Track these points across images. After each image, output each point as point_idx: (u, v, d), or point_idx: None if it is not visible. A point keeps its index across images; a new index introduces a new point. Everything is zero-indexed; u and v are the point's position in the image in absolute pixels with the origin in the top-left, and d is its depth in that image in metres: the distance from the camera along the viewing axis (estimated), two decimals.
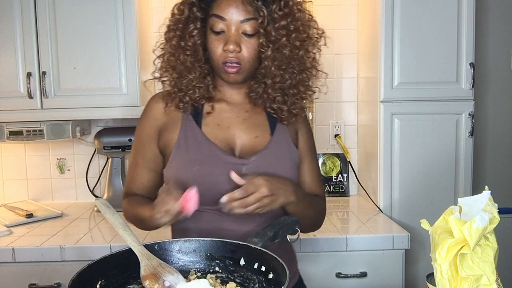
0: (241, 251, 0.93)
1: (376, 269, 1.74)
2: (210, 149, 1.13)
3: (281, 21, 1.10)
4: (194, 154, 1.12)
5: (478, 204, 0.74)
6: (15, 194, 2.29)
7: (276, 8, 1.10)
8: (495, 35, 2.36)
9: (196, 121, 1.16)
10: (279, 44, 1.11)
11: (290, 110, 1.18)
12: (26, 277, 1.66)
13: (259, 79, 1.17)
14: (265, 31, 1.10)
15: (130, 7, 1.94)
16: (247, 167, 1.12)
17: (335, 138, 2.38)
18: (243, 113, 1.20)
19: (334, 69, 2.35)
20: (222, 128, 1.17)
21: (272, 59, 1.12)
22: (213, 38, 1.10)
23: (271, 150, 1.16)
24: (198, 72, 1.14)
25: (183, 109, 1.16)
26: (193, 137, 1.14)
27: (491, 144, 2.41)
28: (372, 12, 2.10)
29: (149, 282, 0.84)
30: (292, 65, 1.14)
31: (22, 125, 2.03)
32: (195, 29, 1.12)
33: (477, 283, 0.71)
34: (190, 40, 1.12)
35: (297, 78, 1.16)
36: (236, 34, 1.09)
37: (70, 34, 1.94)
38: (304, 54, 1.15)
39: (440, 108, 2.01)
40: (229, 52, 1.08)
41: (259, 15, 1.09)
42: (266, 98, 1.17)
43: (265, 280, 0.88)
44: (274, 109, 1.18)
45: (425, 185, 2.02)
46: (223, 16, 1.08)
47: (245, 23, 1.08)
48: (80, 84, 1.96)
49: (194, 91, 1.15)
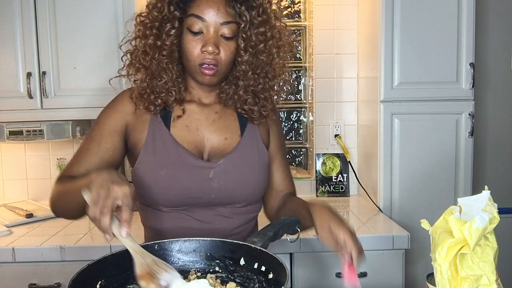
0: (241, 251, 0.93)
1: (376, 269, 1.74)
2: (178, 152, 1.11)
3: (260, 27, 1.10)
4: (161, 157, 1.11)
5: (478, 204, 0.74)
6: (15, 194, 2.29)
7: (255, 14, 1.10)
8: (495, 35, 2.36)
9: (165, 123, 1.14)
10: (257, 49, 1.11)
11: (261, 112, 1.18)
12: (26, 277, 1.66)
13: (230, 80, 1.17)
14: (245, 36, 1.10)
15: (130, 7, 1.94)
16: (215, 170, 1.12)
17: (335, 138, 2.38)
18: (212, 115, 1.19)
19: (334, 69, 2.35)
20: (191, 130, 1.15)
21: (249, 63, 1.12)
22: (190, 38, 1.08)
23: (239, 152, 1.16)
24: (172, 73, 1.11)
25: (153, 112, 1.13)
26: (161, 139, 1.12)
27: (491, 144, 2.41)
28: (372, 12, 2.10)
29: (145, 282, 0.83)
30: (266, 71, 1.14)
31: (22, 125, 2.02)
32: (172, 28, 1.09)
33: (477, 283, 0.71)
34: (168, 40, 1.09)
35: (270, 84, 1.16)
36: (215, 36, 1.07)
37: (70, 34, 1.94)
38: (278, 61, 1.16)
39: (440, 108, 2.01)
40: (207, 54, 1.07)
41: (242, 19, 1.09)
42: (237, 100, 1.17)
43: (265, 280, 0.88)
44: (245, 110, 1.18)
45: (425, 185, 2.02)
46: (203, 17, 1.06)
47: (225, 25, 1.07)
48: (80, 84, 1.96)
49: (167, 94, 1.12)
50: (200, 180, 1.11)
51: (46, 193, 2.27)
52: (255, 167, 1.17)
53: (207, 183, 1.11)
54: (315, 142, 2.39)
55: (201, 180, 1.11)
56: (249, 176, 1.15)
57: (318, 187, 2.36)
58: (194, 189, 1.10)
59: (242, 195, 1.15)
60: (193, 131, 1.15)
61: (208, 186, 1.11)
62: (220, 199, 1.13)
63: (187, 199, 1.11)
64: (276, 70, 1.16)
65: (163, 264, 0.87)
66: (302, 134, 2.47)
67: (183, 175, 1.10)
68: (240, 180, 1.14)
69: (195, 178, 1.10)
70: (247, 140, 1.18)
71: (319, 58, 2.33)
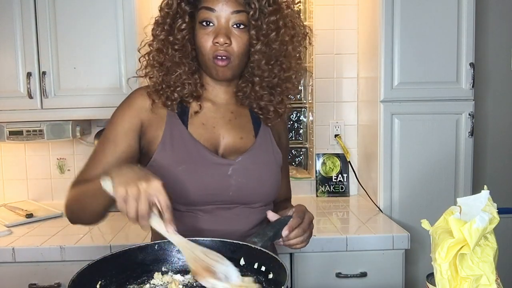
0: (241, 251, 0.93)
1: (376, 269, 1.74)
2: (196, 148, 1.11)
3: (271, 16, 1.10)
4: (180, 153, 1.10)
5: (477, 204, 0.74)
6: (15, 194, 2.29)
7: (266, 3, 1.10)
8: (495, 35, 2.36)
9: (182, 119, 1.14)
10: (269, 38, 1.11)
11: (276, 110, 1.18)
12: (26, 277, 1.66)
13: (246, 78, 1.16)
14: (255, 25, 1.10)
15: (130, 7, 1.94)
16: (233, 167, 1.11)
17: (335, 138, 2.38)
18: (228, 114, 1.19)
19: (334, 69, 2.35)
20: (207, 128, 1.15)
21: (262, 53, 1.11)
22: (202, 32, 1.09)
23: (256, 152, 1.16)
24: (186, 67, 1.12)
25: (170, 107, 1.13)
26: (179, 136, 1.12)
27: (491, 144, 2.41)
28: (372, 12, 2.10)
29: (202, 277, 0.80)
30: (280, 61, 1.14)
31: (22, 125, 2.02)
32: (183, 23, 1.09)
33: (477, 283, 0.71)
34: (179, 34, 1.09)
35: (284, 75, 1.16)
36: (226, 27, 1.08)
37: (70, 34, 1.94)
38: (292, 51, 1.15)
39: (440, 108, 2.01)
40: (219, 45, 1.07)
41: (250, 7, 1.09)
42: (254, 97, 1.17)
43: (265, 280, 0.88)
44: (261, 107, 1.18)
45: (425, 185, 2.02)
46: (213, 7, 1.07)
47: (235, 14, 1.07)
48: (80, 84, 1.96)
49: (183, 87, 1.12)
50: (219, 177, 1.10)
51: (46, 193, 2.30)
52: (272, 168, 1.18)
53: (226, 180, 1.10)
54: (315, 142, 2.39)
55: (219, 177, 1.10)
56: (267, 175, 1.16)
57: (318, 187, 2.36)
58: (212, 186, 1.09)
59: (260, 194, 1.15)
60: (209, 129, 1.15)
61: (226, 183, 1.10)
62: (238, 197, 1.12)
63: (205, 195, 1.09)
64: (289, 60, 1.15)
65: (213, 254, 0.85)
66: (302, 134, 2.47)
67: (202, 171, 1.09)
68: (258, 179, 1.14)
69: (214, 174, 1.09)
70: (262, 141, 1.18)
71: (319, 58, 2.33)
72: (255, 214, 1.15)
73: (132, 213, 0.83)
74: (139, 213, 0.82)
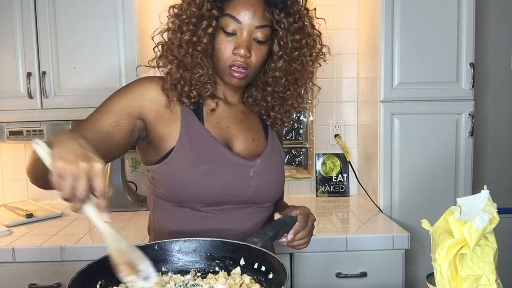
0: (241, 251, 0.93)
1: (376, 269, 1.74)
2: (216, 147, 1.09)
3: (296, 34, 1.10)
4: (200, 152, 1.08)
5: (477, 204, 0.74)
6: (15, 194, 2.29)
7: (292, 21, 1.09)
8: (495, 35, 2.36)
9: (198, 116, 1.11)
10: (292, 56, 1.11)
11: (283, 119, 1.20)
12: (26, 277, 1.66)
13: (258, 85, 1.17)
14: (282, 43, 1.10)
15: (130, 7, 1.94)
16: (254, 169, 1.12)
17: (335, 138, 2.38)
18: (239, 114, 1.18)
19: (334, 69, 2.35)
20: (222, 127, 1.14)
21: (282, 70, 1.12)
22: (223, 38, 1.07)
23: (270, 154, 1.17)
24: (208, 68, 1.09)
25: (186, 104, 1.10)
26: (197, 134, 1.09)
27: (491, 144, 2.41)
28: (372, 12, 2.10)
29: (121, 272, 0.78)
30: (295, 77, 1.15)
31: (22, 125, 2.02)
32: (209, 27, 1.06)
33: (477, 283, 0.71)
34: (205, 38, 1.06)
35: (298, 91, 1.17)
36: (248, 39, 1.06)
37: (70, 34, 1.94)
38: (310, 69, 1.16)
39: (440, 108, 2.01)
40: (238, 56, 1.06)
41: (279, 26, 1.08)
42: (264, 106, 1.17)
43: (265, 280, 0.88)
44: (270, 117, 1.19)
45: (425, 185, 2.02)
46: (239, 18, 1.05)
47: (259, 29, 1.06)
48: (80, 84, 1.96)
49: (202, 87, 1.10)
50: (241, 178, 1.10)
51: (46, 193, 2.29)
52: (282, 168, 1.22)
53: (247, 181, 1.11)
54: (315, 142, 2.39)
55: (241, 178, 1.10)
56: (279, 176, 1.19)
57: (318, 187, 2.36)
58: (233, 186, 1.09)
59: (274, 194, 1.18)
60: (223, 128, 1.14)
61: (247, 184, 1.10)
62: (256, 198, 1.13)
63: (225, 196, 1.08)
64: (306, 77, 1.17)
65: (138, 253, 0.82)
66: (302, 134, 2.47)
67: (224, 172, 1.08)
68: (274, 180, 1.17)
69: (236, 175, 1.09)
70: (272, 143, 1.20)
71: None
72: (264, 213, 1.17)
73: (67, 193, 0.74)
74: (76, 195, 0.74)
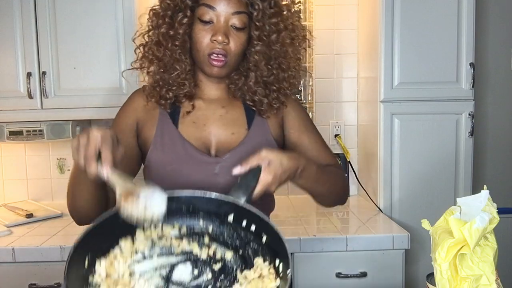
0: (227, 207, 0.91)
1: (376, 269, 1.74)
2: (185, 148, 1.11)
3: (272, 18, 1.11)
4: (169, 153, 1.11)
5: (477, 204, 0.74)
6: (15, 194, 2.29)
7: (267, 5, 1.11)
8: (495, 35, 2.36)
9: (173, 119, 1.14)
10: (270, 40, 1.12)
11: (271, 104, 1.17)
12: (26, 277, 1.66)
13: (240, 71, 1.17)
14: (258, 24, 1.10)
15: (130, 7, 1.94)
16: (220, 165, 1.11)
17: (335, 138, 2.38)
18: (219, 110, 1.18)
19: (334, 69, 2.35)
20: (198, 126, 1.15)
21: (262, 53, 1.12)
22: (200, 28, 1.08)
23: (246, 146, 1.14)
24: (185, 65, 1.12)
25: (163, 106, 1.14)
26: (169, 136, 1.13)
27: (491, 144, 2.41)
28: (372, 12, 2.10)
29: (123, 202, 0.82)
30: (279, 62, 1.15)
31: (22, 125, 2.02)
32: (184, 17, 1.09)
33: (477, 283, 0.71)
34: (180, 29, 1.09)
35: (282, 75, 1.16)
36: (225, 26, 1.07)
37: (70, 34, 1.94)
38: (291, 52, 1.16)
39: (440, 108, 2.01)
40: (216, 43, 1.07)
41: (254, 9, 1.09)
42: (247, 90, 1.16)
43: (261, 248, 0.88)
44: (253, 101, 1.17)
45: (425, 185, 2.02)
46: (214, 6, 1.06)
47: (236, 15, 1.08)
48: (80, 84, 1.96)
49: (179, 87, 1.13)
50: (206, 176, 1.10)
51: (46, 193, 2.30)
52: None
53: (213, 178, 1.10)
54: None
55: (206, 176, 1.10)
56: None
57: None
58: (199, 185, 1.08)
59: None
60: (200, 127, 1.15)
61: (213, 181, 1.10)
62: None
63: None
64: (289, 61, 1.16)
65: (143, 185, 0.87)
66: None
67: (189, 171, 1.10)
68: None
69: (201, 173, 1.10)
70: (254, 134, 1.17)
71: (319, 58, 2.33)
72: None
73: (80, 159, 0.84)
74: (86, 156, 0.84)
